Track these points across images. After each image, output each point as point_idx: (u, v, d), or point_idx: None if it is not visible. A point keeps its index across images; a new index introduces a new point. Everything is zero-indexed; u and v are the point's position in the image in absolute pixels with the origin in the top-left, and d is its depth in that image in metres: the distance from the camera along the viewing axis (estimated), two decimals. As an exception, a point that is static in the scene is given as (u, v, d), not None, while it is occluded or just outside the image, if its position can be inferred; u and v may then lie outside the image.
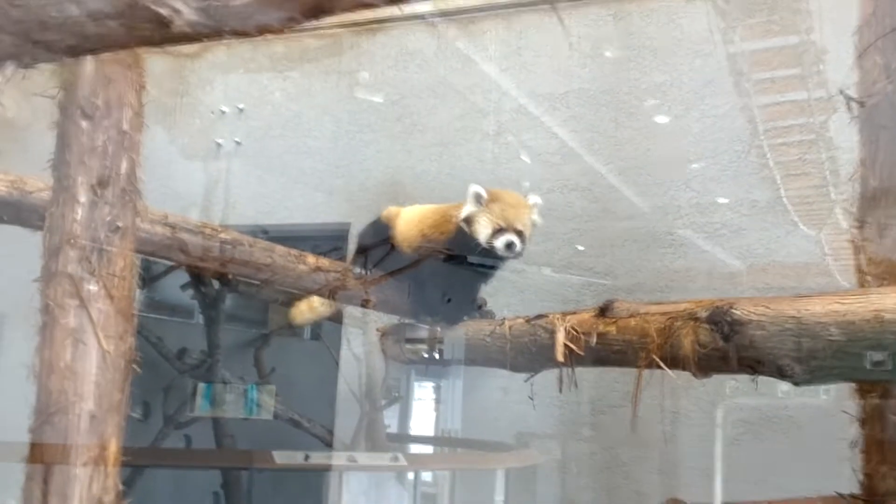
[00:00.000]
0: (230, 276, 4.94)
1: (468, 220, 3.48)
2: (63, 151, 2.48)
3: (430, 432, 5.39)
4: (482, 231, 3.41)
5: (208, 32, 1.34)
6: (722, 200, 4.42)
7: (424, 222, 3.81)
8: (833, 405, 2.55)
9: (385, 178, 4.64)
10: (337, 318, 4.71)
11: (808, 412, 3.83)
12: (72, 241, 2.40)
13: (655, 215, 4.40)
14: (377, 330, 4.49)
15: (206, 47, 3.91)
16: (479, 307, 3.75)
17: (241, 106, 4.85)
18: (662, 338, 2.46)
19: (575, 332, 2.87)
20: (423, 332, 4.10)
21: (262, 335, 5.81)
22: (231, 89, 4.77)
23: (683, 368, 2.44)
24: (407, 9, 4.23)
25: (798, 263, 4.23)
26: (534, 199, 3.59)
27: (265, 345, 5.71)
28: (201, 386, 5.37)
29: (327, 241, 4.83)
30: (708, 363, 2.32)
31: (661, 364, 2.49)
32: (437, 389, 5.30)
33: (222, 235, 3.67)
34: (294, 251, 3.93)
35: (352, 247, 4.72)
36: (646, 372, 2.56)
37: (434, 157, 4.59)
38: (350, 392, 4.93)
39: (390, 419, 5.28)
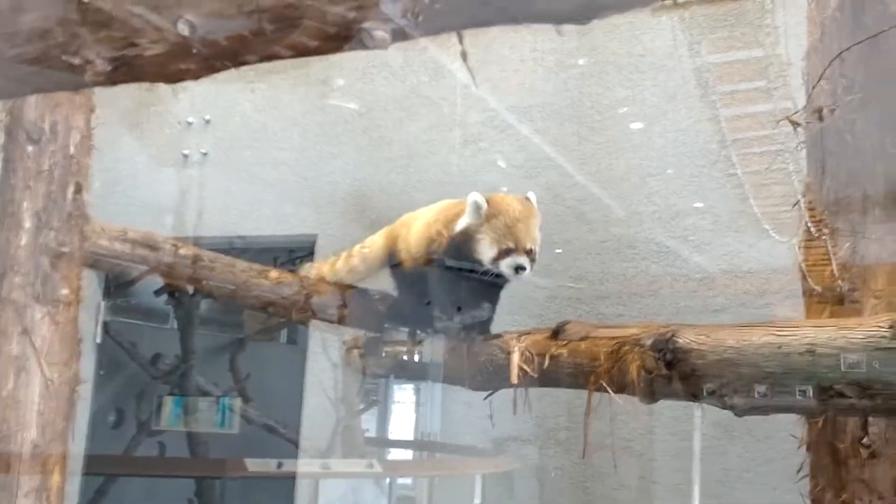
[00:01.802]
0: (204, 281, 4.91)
1: (467, 235, 3.01)
2: (8, 176, 2.46)
3: (409, 436, 5.38)
4: (485, 253, 2.96)
5: (124, 80, 1.33)
6: (694, 207, 4.46)
7: (430, 228, 3.30)
8: (791, 420, 2.58)
9: (352, 190, 4.63)
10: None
11: (768, 426, 3.87)
12: (15, 267, 2.37)
13: (620, 227, 4.43)
14: (343, 343, 4.48)
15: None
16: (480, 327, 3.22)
17: (207, 117, 4.81)
18: (610, 362, 2.47)
19: (529, 354, 2.88)
20: (391, 346, 4.09)
21: (238, 340, 5.78)
22: (198, 100, 4.74)
23: (631, 393, 2.45)
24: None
25: (769, 270, 4.27)
26: (531, 196, 3.14)
27: (241, 350, 5.69)
28: (168, 399, 5.33)
29: (294, 253, 4.83)
30: (653, 389, 2.33)
31: (609, 389, 2.50)
32: (418, 392, 5.30)
33: (182, 251, 3.65)
34: (257, 266, 3.91)
35: (318, 259, 4.72)
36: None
37: (401, 169, 4.59)
38: (326, 397, 4.91)
39: (369, 423, 5.27)
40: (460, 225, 3.05)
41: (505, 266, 2.92)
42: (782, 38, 4.30)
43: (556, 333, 2.78)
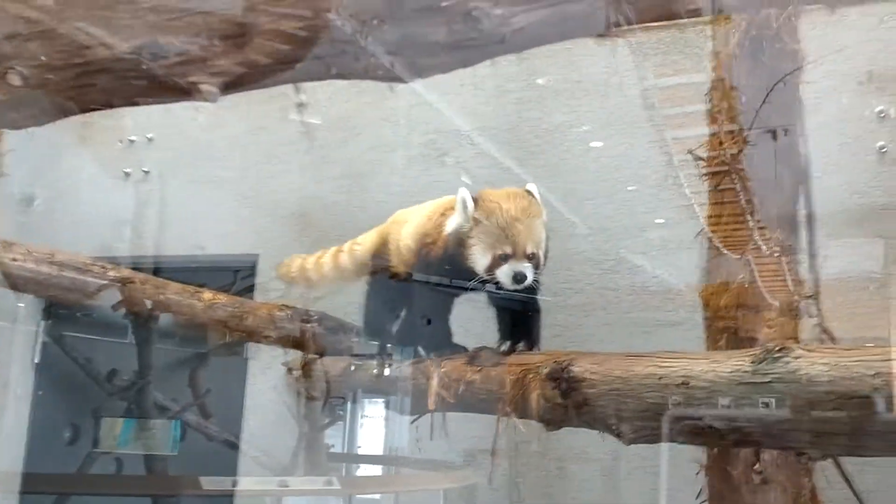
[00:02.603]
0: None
1: (458, 239, 2.68)
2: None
3: (376, 451, 5.40)
4: (478, 261, 2.63)
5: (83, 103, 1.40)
6: (655, 223, 4.54)
7: (420, 230, 3.01)
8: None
9: (294, 210, 4.69)
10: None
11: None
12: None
13: (578, 242, 4.52)
14: (283, 364, 4.52)
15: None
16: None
17: (150, 135, 4.86)
18: (515, 390, 2.56)
19: (447, 380, 2.96)
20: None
21: (199, 354, 5.74)
22: (140, 118, 4.77)
23: (535, 420, 2.54)
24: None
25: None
26: (532, 188, 2.77)
27: (202, 365, 5.66)
28: (111, 420, 5.30)
29: (235, 273, 4.86)
30: (553, 417, 2.42)
31: (514, 415, 2.58)
32: (387, 406, 5.33)
33: (112, 273, 3.69)
34: (190, 287, 3.96)
35: (260, 279, 4.77)
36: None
37: (344, 190, 4.66)
38: (288, 412, 4.92)
39: (335, 438, 5.29)
40: (450, 227, 2.73)
41: (502, 275, 2.58)
42: (724, 62, 4.45)
43: (471, 360, 2.86)
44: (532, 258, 2.63)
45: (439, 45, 1.59)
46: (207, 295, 3.94)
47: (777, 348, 1.79)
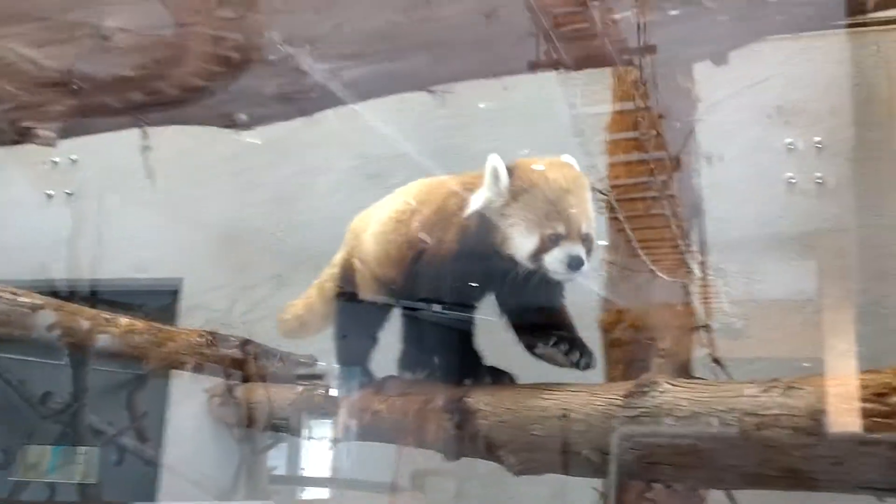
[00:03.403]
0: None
1: (487, 221, 2.19)
2: None
3: (322, 473, 5.36)
4: (520, 243, 2.13)
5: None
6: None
7: (402, 223, 2.55)
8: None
9: (220, 233, 4.69)
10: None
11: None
12: None
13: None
14: (205, 390, 4.50)
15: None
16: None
17: (73, 157, 4.81)
18: (417, 420, 2.60)
19: (355, 409, 2.99)
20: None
21: (137, 376, 5.64)
22: (65, 139, 4.72)
23: (435, 450, 2.59)
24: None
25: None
26: (571, 160, 2.38)
27: (140, 387, 5.56)
28: (30, 449, 5.18)
29: (157, 297, 4.83)
30: (449, 448, 2.47)
31: (416, 445, 2.63)
32: (334, 428, 5.30)
33: (22, 299, 3.64)
34: (106, 313, 3.92)
35: (185, 304, 4.74)
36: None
37: (270, 213, 4.68)
38: (229, 434, 4.86)
39: (278, 460, 5.24)
40: (474, 206, 2.22)
41: (553, 261, 2.10)
42: (652, 93, 4.61)
43: (377, 389, 2.90)
44: (586, 240, 2.17)
45: (271, 98, 1.65)
46: (124, 321, 3.91)
47: (645, 382, 1.87)
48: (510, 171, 2.24)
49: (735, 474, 1.70)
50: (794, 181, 4.10)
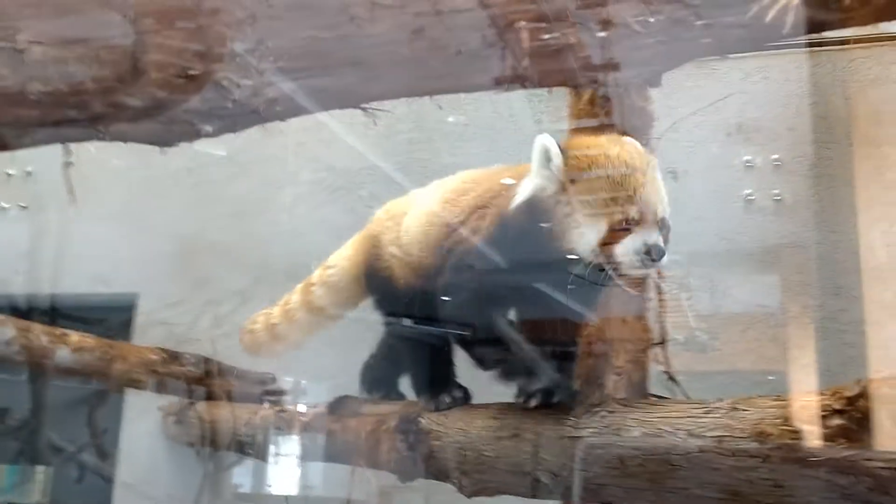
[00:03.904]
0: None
1: (538, 211, 1.92)
2: None
3: (289, 491, 5.28)
4: (583, 235, 1.86)
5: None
6: None
7: (444, 212, 2.29)
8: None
9: (177, 247, 4.63)
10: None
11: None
12: None
13: None
14: (159, 409, 4.42)
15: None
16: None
17: (29, 169, 4.72)
18: (370, 441, 2.58)
19: (309, 428, 2.96)
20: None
21: (98, 392, 5.54)
22: (20, 151, 4.63)
23: (389, 471, 2.56)
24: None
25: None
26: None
27: (101, 403, 5.47)
28: (1, 468, 5.07)
29: (115, 312, 4.74)
30: (403, 469, 2.45)
31: (370, 466, 2.60)
32: (302, 444, 5.23)
33: (-35, 314, 3.55)
34: (57, 330, 3.84)
35: (147, 319, 4.66)
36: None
37: (230, 227, 4.63)
38: (192, 450, 4.76)
39: (244, 478, 5.15)
40: (521, 195, 1.93)
41: (626, 253, 1.83)
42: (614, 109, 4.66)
43: (331, 409, 2.87)
44: (663, 227, 1.88)
45: (195, 113, 1.63)
46: (74, 338, 3.83)
47: (595, 402, 1.87)
48: (563, 151, 1.94)
49: (681, 496, 1.71)
50: (752, 198, 4.16)
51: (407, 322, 2.40)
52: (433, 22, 1.61)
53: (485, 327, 2.09)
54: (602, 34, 2.08)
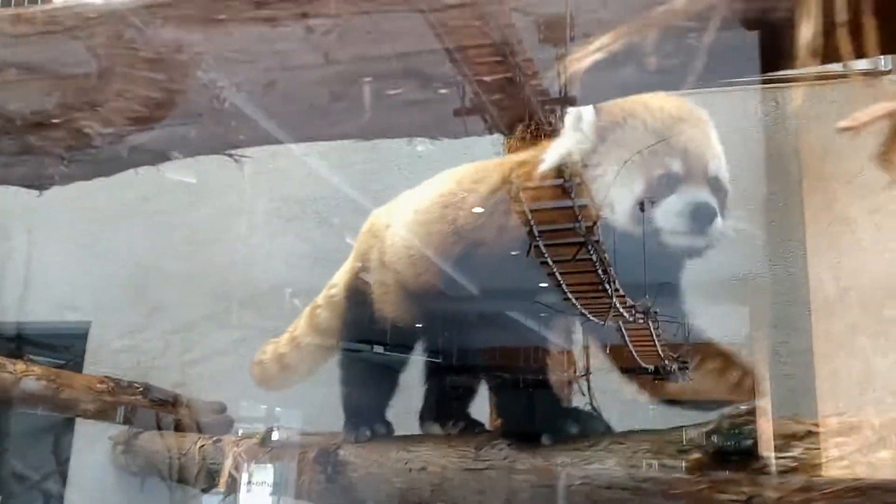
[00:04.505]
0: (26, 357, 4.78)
1: (572, 173, 1.60)
2: None
3: None
4: (620, 195, 1.60)
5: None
6: None
7: (451, 214, 2.05)
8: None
9: (132, 275, 4.69)
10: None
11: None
12: None
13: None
14: (109, 438, 4.45)
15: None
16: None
17: (-15, 196, 4.79)
18: (297, 471, 2.64)
19: (241, 460, 3.01)
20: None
21: (65, 420, 5.55)
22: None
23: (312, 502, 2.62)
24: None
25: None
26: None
27: (67, 431, 5.47)
28: None
29: (67, 340, 4.79)
30: (324, 499, 2.51)
31: (295, 496, 2.66)
32: (277, 472, 5.24)
33: None
34: (2, 358, 3.89)
35: (92, 346, 4.71)
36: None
37: (185, 255, 4.70)
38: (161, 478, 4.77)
39: None
40: (551, 160, 1.68)
41: (668, 214, 1.55)
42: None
43: (263, 440, 2.93)
44: (716, 187, 1.56)
45: (58, 158, 1.73)
46: (20, 366, 3.88)
47: (494, 435, 1.95)
48: (596, 109, 1.65)
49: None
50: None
51: (375, 349, 2.35)
52: (284, 76, 1.72)
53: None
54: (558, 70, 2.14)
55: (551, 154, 1.72)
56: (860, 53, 1.69)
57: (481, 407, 2.44)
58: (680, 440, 1.59)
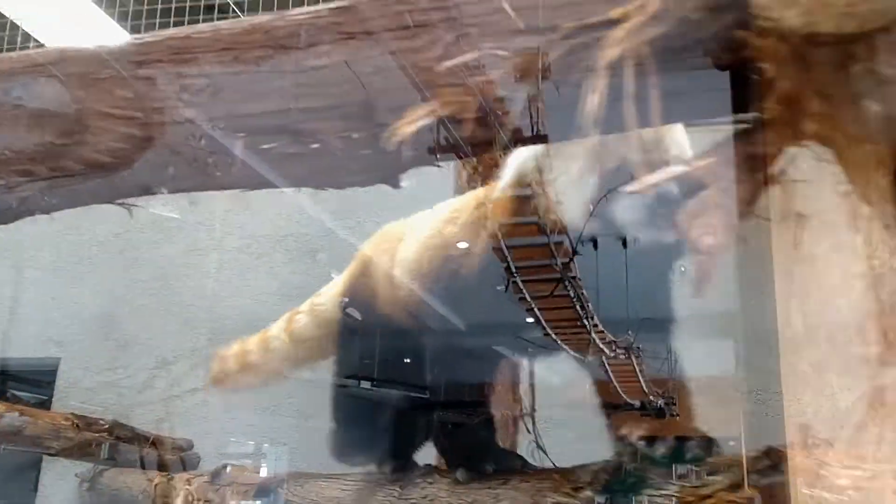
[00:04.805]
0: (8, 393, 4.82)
1: (526, 181, 1.64)
2: None
3: None
4: (577, 188, 1.60)
5: None
6: None
7: (447, 229, 2.09)
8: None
9: (100, 312, 4.75)
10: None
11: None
12: None
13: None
14: (76, 475, 4.47)
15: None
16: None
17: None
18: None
19: (191, 498, 3.05)
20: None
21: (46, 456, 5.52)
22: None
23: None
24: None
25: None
26: None
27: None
28: None
29: (34, 377, 4.84)
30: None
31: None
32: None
33: None
34: (-35, 395, 3.94)
35: (63, 383, 4.75)
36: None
37: (154, 292, 4.77)
38: None
39: None
40: (509, 170, 1.62)
41: (628, 204, 1.56)
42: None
43: (213, 477, 2.97)
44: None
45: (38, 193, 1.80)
46: (-16, 403, 3.93)
47: (422, 472, 1.99)
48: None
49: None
50: (683, 270, 4.34)
51: (363, 384, 2.35)
52: (160, 131, 1.81)
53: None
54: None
55: (509, 166, 1.72)
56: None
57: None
58: (577, 478, 1.64)
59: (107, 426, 4.23)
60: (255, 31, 1.60)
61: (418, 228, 2.37)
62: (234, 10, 4.64)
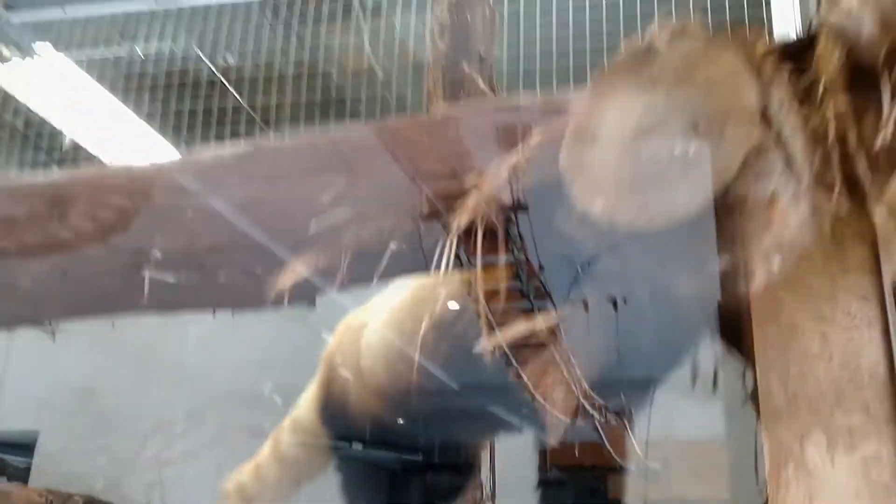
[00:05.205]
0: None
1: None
2: None
3: None
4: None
5: None
6: None
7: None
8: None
9: (79, 384, 4.76)
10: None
11: None
12: None
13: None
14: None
15: None
16: None
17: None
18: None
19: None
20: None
21: None
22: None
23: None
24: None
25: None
26: None
27: None
28: None
29: (10, 451, 4.83)
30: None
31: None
32: None
33: None
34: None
35: (38, 460, 4.73)
36: None
37: (133, 364, 4.78)
38: None
39: None
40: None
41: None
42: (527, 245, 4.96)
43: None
44: None
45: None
46: (-46, 481, 3.93)
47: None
48: None
49: None
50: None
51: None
52: (73, 264, 1.92)
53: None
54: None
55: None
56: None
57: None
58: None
59: (82, 502, 4.22)
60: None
61: (380, 309, 2.36)
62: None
